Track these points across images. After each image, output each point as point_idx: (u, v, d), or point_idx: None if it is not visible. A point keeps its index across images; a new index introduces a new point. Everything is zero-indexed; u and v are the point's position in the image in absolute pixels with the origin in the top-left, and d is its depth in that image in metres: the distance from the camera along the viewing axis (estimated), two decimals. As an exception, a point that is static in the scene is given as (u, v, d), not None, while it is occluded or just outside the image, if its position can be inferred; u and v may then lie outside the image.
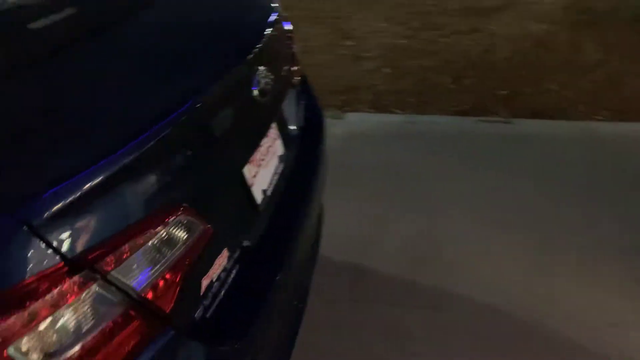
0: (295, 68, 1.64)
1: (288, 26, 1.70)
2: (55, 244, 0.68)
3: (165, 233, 0.84)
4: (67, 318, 0.68)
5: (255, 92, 1.17)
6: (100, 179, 0.75)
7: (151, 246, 0.81)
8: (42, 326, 0.65)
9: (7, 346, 0.62)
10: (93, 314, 0.71)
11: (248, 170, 1.21)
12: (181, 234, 0.88)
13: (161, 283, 0.83)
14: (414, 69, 3.98)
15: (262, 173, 1.29)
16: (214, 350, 0.92)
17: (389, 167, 2.83)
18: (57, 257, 0.68)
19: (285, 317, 1.25)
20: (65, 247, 0.69)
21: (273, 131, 1.40)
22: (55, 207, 0.69)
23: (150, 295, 0.80)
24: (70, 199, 0.71)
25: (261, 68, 1.23)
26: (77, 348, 0.68)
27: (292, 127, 1.57)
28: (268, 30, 1.37)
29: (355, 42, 4.58)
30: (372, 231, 2.35)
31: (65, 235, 0.69)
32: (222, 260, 1.01)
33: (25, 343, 0.64)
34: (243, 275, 1.10)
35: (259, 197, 1.24)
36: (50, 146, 0.77)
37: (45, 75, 0.94)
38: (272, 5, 1.57)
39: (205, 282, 0.95)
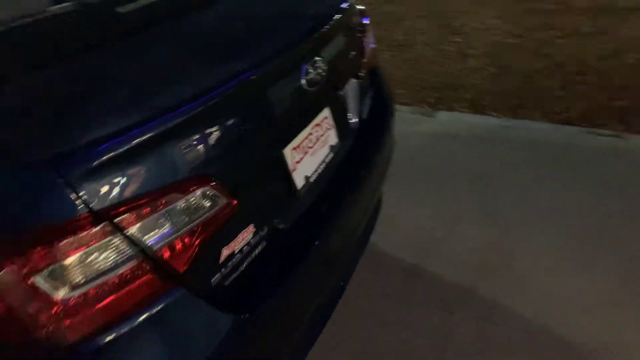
0: (364, 60, 1.65)
1: (365, 20, 1.72)
2: (83, 196, 0.79)
3: (187, 201, 0.93)
4: (84, 260, 0.79)
5: (303, 81, 1.22)
6: (133, 144, 0.85)
7: (172, 211, 0.91)
8: (62, 263, 0.77)
9: (33, 275, 0.75)
10: (109, 261, 0.82)
11: (291, 155, 1.26)
12: (204, 205, 0.96)
13: (178, 245, 0.92)
14: (521, 71, 3.73)
15: (308, 160, 1.34)
16: (225, 316, 1.00)
17: (472, 171, 2.72)
18: (84, 208, 0.79)
19: (311, 300, 1.29)
20: (91, 201, 0.80)
21: (326, 121, 1.44)
22: (89, 166, 0.80)
23: (166, 255, 0.90)
24: (104, 159, 0.82)
25: (316, 58, 1.27)
26: (91, 287, 0.80)
27: (352, 119, 1.59)
28: (332, 21, 1.41)
29: (463, 38, 4.41)
30: (440, 233, 2.29)
31: (93, 190, 0.80)
32: (246, 234, 1.08)
33: (46, 275, 0.76)
34: (271, 253, 1.16)
35: (299, 182, 1.29)
36: (100, 110, 0.89)
37: (119, 51, 1.07)
38: None
39: (225, 252, 1.03)
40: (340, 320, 1.81)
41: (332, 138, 1.47)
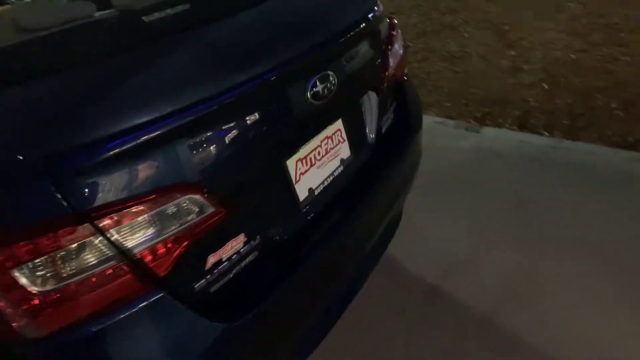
0: (388, 72, 1.62)
1: (393, 31, 1.69)
2: (69, 197, 0.84)
3: (172, 208, 0.96)
4: (64, 258, 0.84)
5: (309, 94, 1.21)
6: (122, 150, 0.89)
7: (156, 216, 0.93)
8: (43, 259, 0.82)
9: (14, 268, 0.80)
10: (88, 260, 0.86)
11: (295, 167, 1.27)
12: (190, 212, 0.98)
13: (160, 250, 0.95)
14: (578, 88, 3.52)
15: (314, 172, 1.34)
16: (209, 322, 1.01)
17: (512, 191, 2.60)
18: (68, 209, 0.83)
19: (304, 314, 1.28)
20: (75, 202, 0.84)
21: (339, 133, 1.43)
22: (77, 168, 0.85)
23: (147, 258, 0.93)
24: (92, 163, 0.86)
25: (328, 71, 1.26)
26: (68, 283, 0.84)
27: (369, 133, 1.57)
28: (351, 31, 1.39)
29: (518, 51, 4.23)
30: (468, 255, 2.21)
31: (79, 192, 0.85)
32: (236, 243, 1.10)
33: (26, 269, 0.81)
34: (264, 263, 1.17)
35: (302, 194, 1.29)
36: (96, 114, 0.92)
37: (131, 58, 1.11)
38: (373, 6, 1.57)
39: (212, 259, 1.05)
40: (347, 330, 1.79)
41: (345, 151, 1.46)
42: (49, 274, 0.83)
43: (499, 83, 3.81)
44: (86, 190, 0.86)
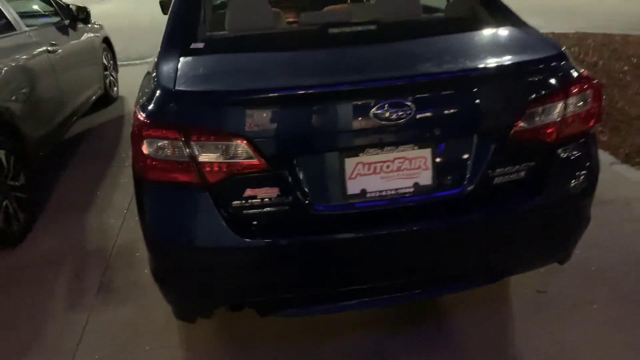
0: (519, 124, 1.58)
1: (571, 88, 1.63)
2: (183, 112, 1.47)
3: (227, 147, 1.46)
4: (162, 144, 1.47)
5: (374, 113, 1.46)
6: (222, 101, 1.49)
7: (221, 147, 1.46)
8: (155, 140, 1.48)
9: (144, 139, 1.49)
10: (173, 151, 1.47)
11: (354, 166, 1.54)
12: (240, 155, 1.47)
13: (215, 167, 1.48)
14: None
15: (375, 179, 1.57)
16: (229, 231, 1.51)
17: None
18: (175, 117, 1.46)
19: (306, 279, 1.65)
20: (180, 117, 1.46)
21: (422, 160, 1.57)
22: (193, 99, 1.49)
23: (207, 168, 1.48)
24: (203, 100, 1.49)
25: (403, 99, 1.47)
26: (156, 159, 1.49)
27: (468, 175, 1.59)
28: (475, 73, 1.57)
29: None
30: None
31: (187, 113, 1.47)
32: (269, 192, 1.51)
33: (147, 142, 1.49)
34: (290, 221, 1.55)
35: (353, 189, 1.56)
36: (238, 73, 1.61)
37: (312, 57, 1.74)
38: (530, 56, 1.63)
39: (249, 192, 1.50)
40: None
41: (424, 178, 1.58)
42: (154, 147, 1.49)
43: None
44: (192, 115, 1.47)
